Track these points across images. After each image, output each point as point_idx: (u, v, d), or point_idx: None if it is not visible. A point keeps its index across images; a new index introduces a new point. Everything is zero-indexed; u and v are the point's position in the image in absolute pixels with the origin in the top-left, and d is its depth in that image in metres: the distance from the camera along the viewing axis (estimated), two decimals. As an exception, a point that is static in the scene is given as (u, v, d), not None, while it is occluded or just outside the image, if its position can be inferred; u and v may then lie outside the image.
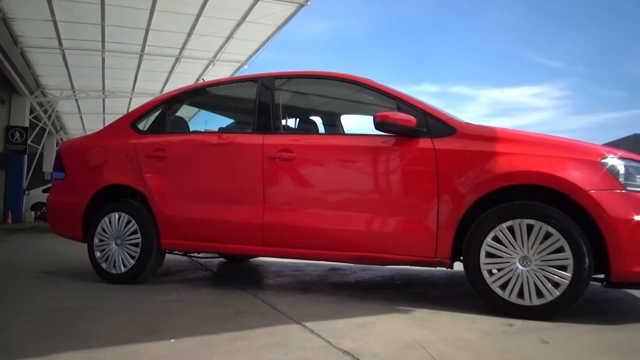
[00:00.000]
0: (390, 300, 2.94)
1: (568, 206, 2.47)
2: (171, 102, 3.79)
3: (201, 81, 4.16)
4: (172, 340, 2.11)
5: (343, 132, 4.02)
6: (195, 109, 4.34)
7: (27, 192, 14.32)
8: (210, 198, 3.33)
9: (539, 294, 2.45)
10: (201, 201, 3.35)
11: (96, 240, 3.58)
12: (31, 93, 13.56)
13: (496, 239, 2.57)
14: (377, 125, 2.84)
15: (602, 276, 2.51)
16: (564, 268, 2.42)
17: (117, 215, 3.54)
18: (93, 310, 2.74)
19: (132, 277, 3.45)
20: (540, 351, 1.99)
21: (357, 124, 4.27)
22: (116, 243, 3.52)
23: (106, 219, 3.57)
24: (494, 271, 2.58)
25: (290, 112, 3.85)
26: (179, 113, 3.85)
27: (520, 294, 2.49)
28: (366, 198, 2.94)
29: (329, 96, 4.05)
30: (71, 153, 4.00)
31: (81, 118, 19.40)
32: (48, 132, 17.09)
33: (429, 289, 3.40)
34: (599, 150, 2.61)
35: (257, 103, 3.39)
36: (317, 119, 4.01)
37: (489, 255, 2.58)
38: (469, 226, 2.64)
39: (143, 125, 3.80)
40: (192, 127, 3.86)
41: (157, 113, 3.78)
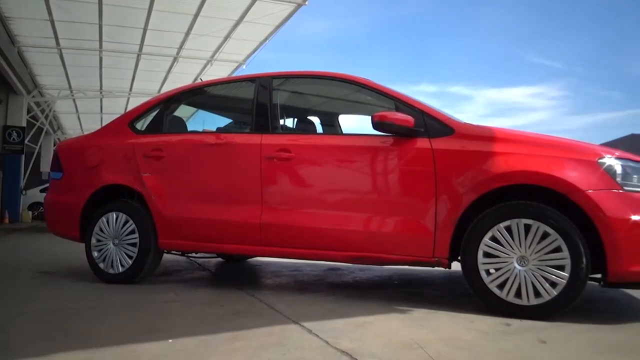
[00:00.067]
0: (388, 300, 2.95)
1: (565, 206, 2.48)
2: (169, 102, 3.79)
3: (199, 81, 4.15)
4: (170, 340, 2.11)
5: (341, 132, 4.03)
6: (193, 109, 4.33)
7: (25, 192, 14.29)
8: (208, 198, 3.33)
9: (537, 294, 2.46)
10: (199, 201, 3.34)
11: (94, 240, 3.57)
12: (28, 93, 13.53)
13: (494, 239, 2.57)
14: (375, 125, 2.84)
15: (600, 276, 2.52)
16: (562, 268, 2.43)
17: (115, 215, 3.54)
18: (91, 310, 2.73)
19: (130, 277, 3.44)
20: (537, 351, 1.99)
21: (355, 124, 4.27)
22: (114, 243, 3.51)
23: (104, 219, 3.56)
24: (492, 271, 2.58)
25: (288, 112, 3.85)
26: (177, 113, 3.85)
27: (517, 294, 2.50)
28: (364, 198, 2.95)
29: (327, 96, 4.05)
30: (69, 153, 3.99)
31: (79, 118, 19.37)
32: (45, 132, 17.08)
33: (427, 289, 3.41)
34: (596, 150, 2.62)
35: (255, 103, 3.39)
36: (315, 119, 4.01)
37: (487, 255, 2.58)
38: (467, 226, 2.65)
39: (141, 125, 3.79)
40: (190, 127, 3.86)
41: (155, 113, 3.78)
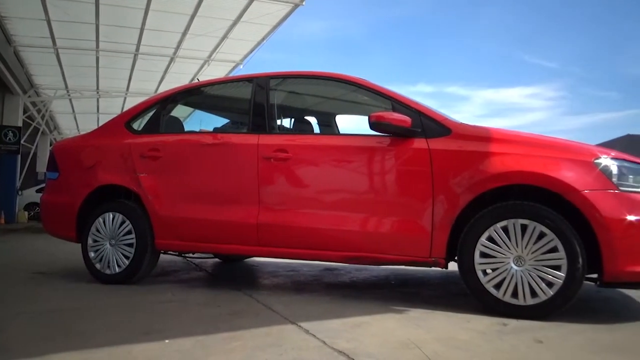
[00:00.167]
0: (385, 300, 2.95)
1: (562, 206, 2.49)
2: (166, 102, 3.78)
3: (196, 81, 4.15)
4: (167, 340, 2.10)
5: (338, 132, 4.03)
6: (190, 109, 4.32)
7: (20, 192, 14.25)
8: (205, 198, 3.33)
9: (533, 294, 2.47)
10: (196, 201, 3.34)
11: (90, 240, 3.56)
12: (25, 92, 13.48)
13: (490, 239, 2.58)
14: (372, 125, 2.84)
15: (596, 276, 2.53)
16: (558, 268, 2.43)
17: (112, 215, 3.53)
18: (88, 310, 2.72)
19: (127, 278, 3.43)
20: (534, 350, 2.00)
21: (352, 124, 4.27)
22: (110, 243, 3.50)
23: (100, 219, 3.55)
24: (488, 271, 2.59)
25: (285, 112, 3.84)
26: (174, 113, 3.84)
27: (514, 294, 2.51)
28: (361, 198, 2.95)
29: (324, 96, 4.05)
30: (65, 153, 3.98)
31: (75, 118, 19.32)
32: (42, 132, 17.03)
33: (424, 289, 3.41)
34: (592, 150, 2.63)
35: (252, 103, 3.38)
36: (312, 119, 4.01)
37: (484, 255, 2.59)
38: (464, 226, 2.65)
39: (137, 125, 3.79)
40: (187, 127, 3.85)
41: (152, 113, 3.77)
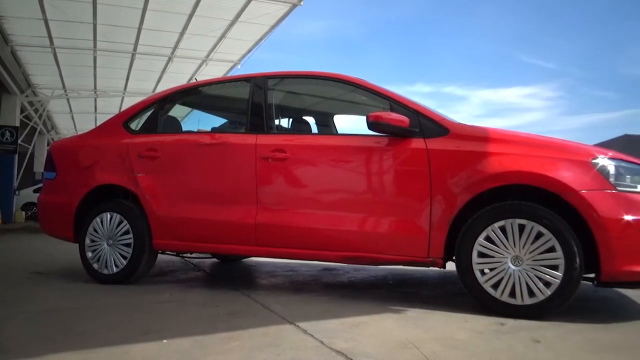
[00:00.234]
0: (383, 300, 2.95)
1: (559, 206, 2.49)
2: (164, 102, 3.78)
3: (194, 81, 4.14)
4: (165, 340, 2.10)
5: (336, 132, 4.03)
6: (187, 109, 4.32)
7: (18, 192, 14.19)
8: (203, 198, 3.32)
9: (531, 294, 2.47)
10: (194, 201, 3.33)
11: (88, 240, 3.56)
12: (22, 92, 13.44)
13: (488, 239, 2.58)
14: (370, 125, 2.84)
15: (593, 275, 2.54)
16: (555, 267, 2.44)
17: (109, 215, 3.52)
18: (85, 310, 2.72)
19: (124, 278, 3.43)
20: (531, 350, 2.00)
21: (350, 124, 4.27)
22: (108, 243, 3.50)
23: (98, 219, 3.55)
24: (486, 271, 2.59)
25: (283, 112, 3.84)
26: (172, 113, 3.84)
27: (512, 294, 2.51)
28: (359, 198, 2.95)
29: (322, 96, 4.05)
30: (62, 153, 3.97)
31: (72, 117, 19.27)
32: (39, 132, 16.97)
33: (422, 289, 3.42)
34: (590, 150, 2.64)
35: (250, 103, 3.38)
36: (310, 119, 4.01)
37: (481, 255, 2.59)
38: (462, 226, 2.66)
39: (135, 124, 3.78)
40: (185, 127, 3.85)
41: (150, 113, 3.76)
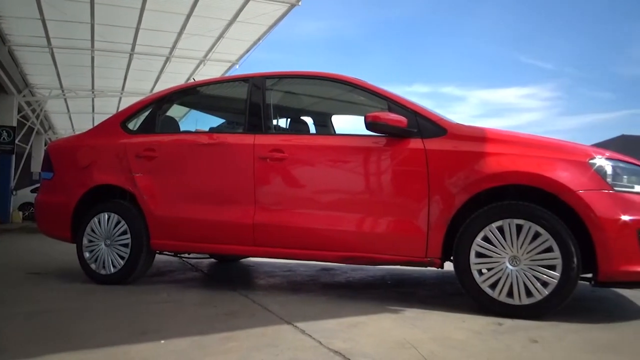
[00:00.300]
0: (381, 300, 2.95)
1: (557, 206, 2.50)
2: (161, 102, 3.77)
3: (192, 81, 4.14)
4: (163, 341, 2.10)
5: (334, 132, 4.03)
6: (185, 109, 4.32)
7: (15, 192, 14.17)
8: (200, 198, 3.32)
9: (528, 294, 2.48)
10: (192, 201, 3.33)
11: (85, 240, 3.55)
12: (19, 92, 13.41)
13: (486, 239, 2.58)
14: (368, 125, 2.84)
15: (590, 275, 2.54)
16: (553, 267, 2.44)
17: (107, 215, 3.52)
18: (83, 311, 2.71)
19: (122, 278, 3.42)
20: (529, 350, 2.01)
21: (348, 124, 4.27)
22: (105, 244, 3.49)
23: (95, 220, 3.54)
24: (484, 271, 2.60)
25: (281, 112, 3.84)
26: (170, 113, 3.83)
27: (509, 294, 2.51)
28: (357, 198, 2.95)
29: (320, 96, 4.05)
30: (60, 153, 3.97)
31: (70, 117, 19.22)
32: (36, 132, 16.93)
33: (420, 289, 3.42)
34: (587, 150, 2.64)
35: (248, 103, 3.38)
36: (308, 119, 4.01)
37: (479, 255, 2.60)
38: (459, 226, 2.66)
39: (133, 124, 3.77)
40: (183, 127, 3.84)
41: (147, 113, 3.76)
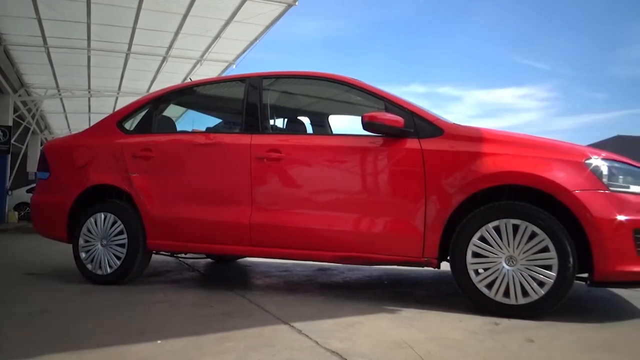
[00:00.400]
0: (378, 300, 2.95)
1: (553, 206, 2.50)
2: (158, 102, 3.76)
3: (188, 80, 4.14)
4: (159, 341, 2.09)
5: (331, 133, 4.03)
6: (182, 109, 4.31)
7: (11, 193, 14.08)
8: (197, 198, 3.31)
9: (525, 293, 2.48)
10: (188, 201, 3.33)
11: (81, 241, 3.54)
12: (15, 92, 13.34)
13: (482, 239, 2.59)
14: (365, 125, 2.85)
15: (586, 275, 2.55)
16: (549, 267, 2.45)
17: (103, 215, 3.51)
18: (79, 311, 2.71)
19: (118, 278, 3.41)
20: (525, 350, 2.01)
21: (345, 124, 4.27)
22: (102, 244, 3.48)
23: (92, 220, 3.53)
24: (481, 271, 2.60)
25: (278, 112, 3.84)
26: (166, 113, 3.82)
27: (506, 293, 2.52)
28: (354, 198, 2.95)
29: (317, 96, 4.05)
30: (56, 153, 3.95)
31: (66, 117, 19.15)
32: (32, 132, 16.85)
33: (417, 289, 3.42)
34: (583, 151, 2.65)
35: (245, 103, 3.38)
36: (305, 119, 4.01)
37: (476, 255, 2.60)
38: (456, 226, 2.67)
39: (129, 124, 3.77)
40: (179, 127, 3.84)
41: (144, 112, 3.75)
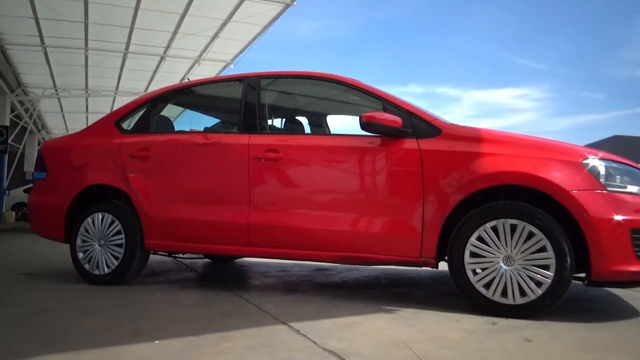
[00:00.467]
0: (376, 300, 2.96)
1: (550, 206, 2.51)
2: (156, 102, 3.76)
3: (186, 80, 4.13)
4: (157, 341, 2.09)
5: (329, 133, 4.03)
6: (180, 109, 4.30)
7: (8, 193, 14.06)
8: (195, 198, 3.31)
9: (522, 293, 2.49)
10: (186, 201, 3.32)
11: (79, 241, 3.53)
12: (12, 91, 13.32)
13: (480, 239, 2.59)
14: (363, 125, 2.85)
15: (583, 275, 2.56)
16: (547, 267, 2.46)
17: (101, 215, 3.50)
18: (76, 312, 2.70)
19: (116, 279, 3.40)
20: (523, 349, 2.02)
21: (343, 124, 4.28)
22: (99, 244, 3.47)
23: (89, 220, 3.52)
24: (478, 271, 2.61)
25: (276, 112, 3.84)
26: (164, 112, 3.82)
27: (503, 293, 2.52)
28: (352, 198, 2.95)
29: (315, 96, 4.05)
30: (53, 152, 3.94)
31: (63, 117, 19.12)
32: (29, 132, 16.84)
33: (415, 289, 3.43)
34: (581, 151, 2.66)
35: (243, 103, 3.38)
36: (303, 119, 4.01)
37: (473, 255, 2.60)
38: (454, 226, 2.67)
39: (127, 124, 3.76)
40: (177, 127, 3.83)
41: (142, 112, 3.74)
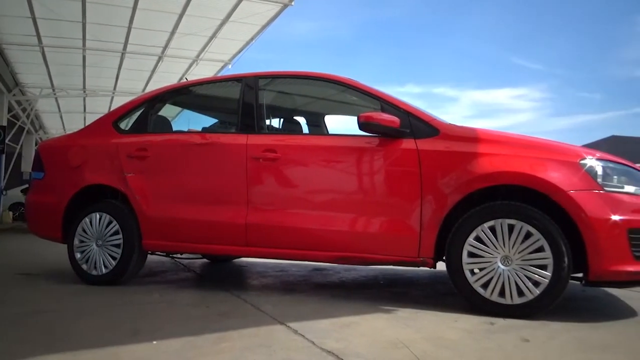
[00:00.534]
0: (374, 300, 2.96)
1: (548, 206, 2.52)
2: (154, 102, 3.75)
3: (184, 80, 4.13)
4: (155, 341, 2.09)
5: (327, 133, 4.03)
6: (178, 109, 4.30)
7: (5, 192, 14.02)
8: (193, 198, 3.31)
9: (520, 293, 2.49)
10: (184, 201, 3.32)
11: (76, 241, 3.52)
12: (9, 91, 13.28)
13: (478, 239, 2.60)
14: (361, 125, 2.85)
15: (581, 275, 2.56)
16: (544, 267, 2.46)
17: (98, 215, 3.49)
18: (74, 312, 2.69)
19: (114, 279, 3.40)
20: (520, 349, 2.02)
21: (341, 124, 4.28)
22: (97, 244, 3.47)
23: (87, 220, 3.51)
24: (476, 271, 2.61)
25: (274, 112, 3.84)
26: (162, 112, 3.81)
27: (501, 293, 2.53)
28: (350, 198, 2.95)
29: (313, 96, 4.05)
30: (51, 152, 3.94)
31: (61, 117, 19.07)
32: (27, 131, 16.78)
33: (412, 289, 3.43)
34: (578, 151, 2.66)
35: (241, 103, 3.37)
36: (301, 119, 4.01)
37: (471, 255, 2.61)
38: (452, 226, 2.67)
39: (125, 124, 3.75)
40: (175, 127, 3.83)
41: (140, 112, 3.74)
